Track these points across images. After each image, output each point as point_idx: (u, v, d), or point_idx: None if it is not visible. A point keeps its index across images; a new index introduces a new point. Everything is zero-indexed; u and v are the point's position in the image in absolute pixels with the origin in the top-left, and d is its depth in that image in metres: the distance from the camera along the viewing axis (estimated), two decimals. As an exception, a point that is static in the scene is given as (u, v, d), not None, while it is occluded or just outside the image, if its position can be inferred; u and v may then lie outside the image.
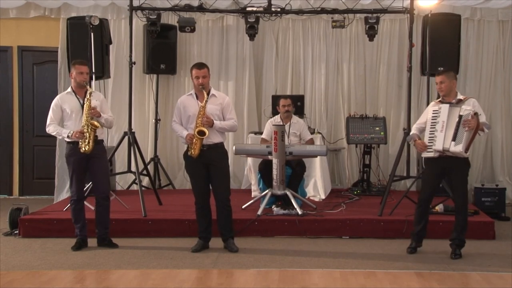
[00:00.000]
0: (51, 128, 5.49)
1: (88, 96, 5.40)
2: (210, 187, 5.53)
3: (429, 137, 5.27)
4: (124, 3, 7.59)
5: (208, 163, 5.40)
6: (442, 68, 5.84)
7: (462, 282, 4.70)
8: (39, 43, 8.49)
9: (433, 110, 5.32)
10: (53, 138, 8.07)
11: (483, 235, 5.95)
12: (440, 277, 4.75)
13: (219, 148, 5.47)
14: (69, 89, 5.59)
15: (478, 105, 5.28)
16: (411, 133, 5.57)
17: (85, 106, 5.40)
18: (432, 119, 5.29)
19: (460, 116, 5.10)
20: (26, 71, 8.59)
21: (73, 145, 5.44)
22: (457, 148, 5.10)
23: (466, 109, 5.11)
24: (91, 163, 5.51)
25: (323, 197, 7.19)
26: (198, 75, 5.35)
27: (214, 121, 5.34)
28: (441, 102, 5.33)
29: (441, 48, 6.92)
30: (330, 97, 8.31)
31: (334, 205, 6.72)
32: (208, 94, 5.37)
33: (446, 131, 5.14)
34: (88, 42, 6.65)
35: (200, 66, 5.44)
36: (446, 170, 5.30)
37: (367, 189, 7.62)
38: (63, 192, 8.00)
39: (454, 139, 5.10)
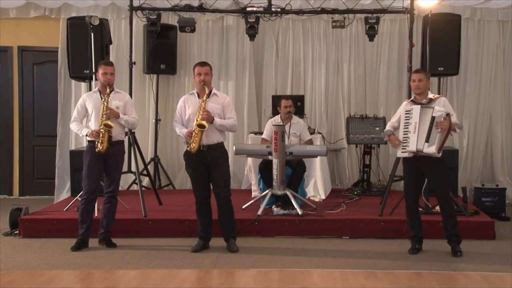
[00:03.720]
0: (73, 126, 5.65)
1: (105, 97, 5.47)
2: (211, 187, 5.53)
3: (403, 137, 5.35)
4: (124, 3, 7.60)
5: (208, 163, 5.40)
6: (418, 68, 5.86)
7: (462, 282, 4.71)
8: (39, 43, 8.49)
9: (406, 110, 5.39)
10: (53, 138, 8.17)
11: (483, 235, 5.95)
12: (440, 277, 4.75)
13: (219, 148, 5.47)
14: (96, 88, 5.73)
15: (448, 104, 5.37)
16: (385, 129, 5.65)
17: (101, 106, 5.45)
18: (405, 119, 5.37)
19: (433, 118, 5.16)
20: (26, 71, 8.59)
21: (92, 144, 5.52)
22: (430, 149, 5.16)
23: (439, 110, 5.17)
24: (108, 162, 5.57)
25: (323, 197, 7.19)
26: (201, 72, 5.38)
27: (215, 118, 5.34)
28: (414, 102, 5.39)
29: (441, 48, 6.92)
30: (330, 97, 8.30)
31: (334, 205, 6.72)
32: (210, 93, 5.40)
33: (419, 132, 5.21)
34: (88, 42, 6.65)
35: (203, 63, 5.51)
36: (422, 170, 5.36)
37: (367, 189, 7.61)
38: (63, 192, 8.02)
39: (427, 140, 5.18)
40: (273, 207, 6.34)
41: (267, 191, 6.45)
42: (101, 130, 5.42)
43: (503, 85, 8.22)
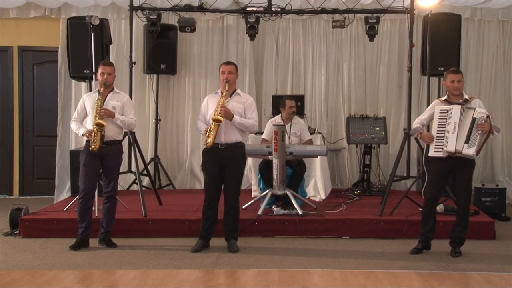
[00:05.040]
0: (73, 125, 5.68)
1: (99, 97, 5.48)
2: (222, 188, 5.52)
3: (437, 137, 5.24)
4: (124, 3, 7.60)
5: (224, 162, 5.39)
6: (454, 68, 5.62)
7: (462, 282, 4.70)
8: (39, 43, 8.48)
9: (441, 109, 5.27)
10: (53, 138, 8.18)
11: (483, 235, 5.95)
12: (440, 277, 4.76)
13: (238, 148, 5.46)
14: (96, 88, 5.74)
15: (482, 105, 5.30)
16: (413, 127, 5.55)
17: (95, 106, 5.45)
18: (440, 119, 5.25)
19: (474, 119, 5.08)
20: (26, 71, 8.59)
21: (88, 143, 5.54)
22: (470, 151, 5.09)
23: (480, 112, 5.09)
24: (104, 162, 5.57)
25: (323, 197, 7.19)
26: (224, 70, 5.43)
27: (234, 116, 5.33)
28: (448, 101, 5.31)
29: (441, 48, 6.92)
30: (330, 97, 8.30)
31: (334, 205, 6.72)
32: (234, 91, 5.45)
33: (459, 133, 5.11)
34: (88, 42, 6.65)
35: (228, 62, 5.63)
36: (452, 170, 5.30)
37: (367, 189, 7.61)
38: (63, 192, 8.01)
39: (467, 141, 5.09)
40: (273, 207, 6.34)
41: (267, 191, 6.44)
42: (94, 129, 5.42)
43: (503, 85, 8.21)
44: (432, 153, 5.31)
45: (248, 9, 7.43)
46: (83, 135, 5.53)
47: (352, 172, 8.20)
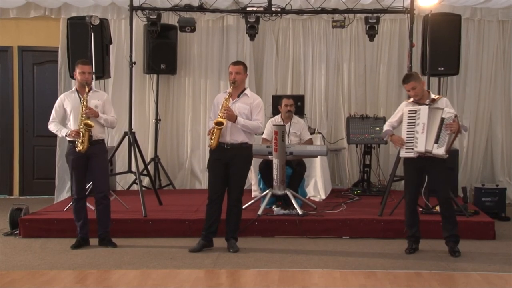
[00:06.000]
0: (52, 126, 5.59)
1: (84, 97, 5.45)
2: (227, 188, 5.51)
3: (407, 138, 5.30)
4: (124, 3, 7.59)
5: (229, 162, 5.39)
6: (404, 76, 5.58)
7: (462, 282, 4.70)
8: (39, 43, 8.49)
9: (409, 110, 5.33)
10: (53, 138, 8.14)
11: (483, 235, 5.95)
12: (440, 277, 4.75)
13: (244, 149, 5.45)
14: (73, 88, 5.67)
15: (450, 105, 5.35)
16: (384, 129, 5.61)
17: (81, 106, 5.43)
18: (409, 119, 5.31)
19: (443, 119, 5.14)
20: (26, 71, 8.59)
21: (72, 144, 5.50)
22: (439, 151, 5.15)
23: (448, 111, 5.15)
24: (90, 162, 5.54)
25: (323, 197, 7.19)
26: (232, 71, 5.41)
27: (238, 117, 5.32)
28: (416, 102, 5.35)
29: (441, 48, 6.92)
30: (330, 97, 8.31)
31: (334, 205, 6.72)
32: (241, 92, 5.43)
33: (428, 133, 5.17)
34: (88, 42, 6.66)
35: (236, 62, 5.58)
36: (425, 169, 5.36)
37: (368, 189, 7.61)
38: (63, 192, 8.01)
39: (436, 141, 5.15)
40: (273, 207, 6.34)
41: (267, 191, 6.44)
42: (81, 129, 5.40)
43: (503, 85, 8.22)
44: (403, 153, 5.39)
45: (248, 9, 7.43)
46: (66, 135, 5.47)
47: (352, 172, 8.21)
